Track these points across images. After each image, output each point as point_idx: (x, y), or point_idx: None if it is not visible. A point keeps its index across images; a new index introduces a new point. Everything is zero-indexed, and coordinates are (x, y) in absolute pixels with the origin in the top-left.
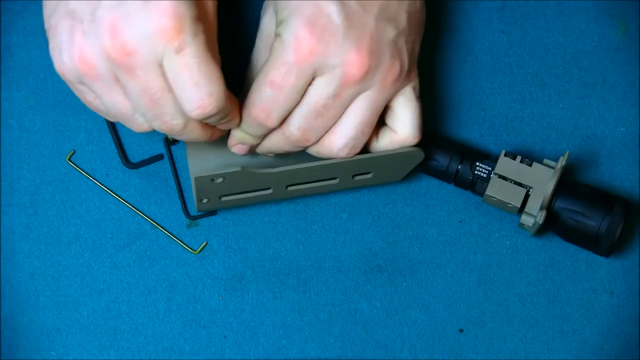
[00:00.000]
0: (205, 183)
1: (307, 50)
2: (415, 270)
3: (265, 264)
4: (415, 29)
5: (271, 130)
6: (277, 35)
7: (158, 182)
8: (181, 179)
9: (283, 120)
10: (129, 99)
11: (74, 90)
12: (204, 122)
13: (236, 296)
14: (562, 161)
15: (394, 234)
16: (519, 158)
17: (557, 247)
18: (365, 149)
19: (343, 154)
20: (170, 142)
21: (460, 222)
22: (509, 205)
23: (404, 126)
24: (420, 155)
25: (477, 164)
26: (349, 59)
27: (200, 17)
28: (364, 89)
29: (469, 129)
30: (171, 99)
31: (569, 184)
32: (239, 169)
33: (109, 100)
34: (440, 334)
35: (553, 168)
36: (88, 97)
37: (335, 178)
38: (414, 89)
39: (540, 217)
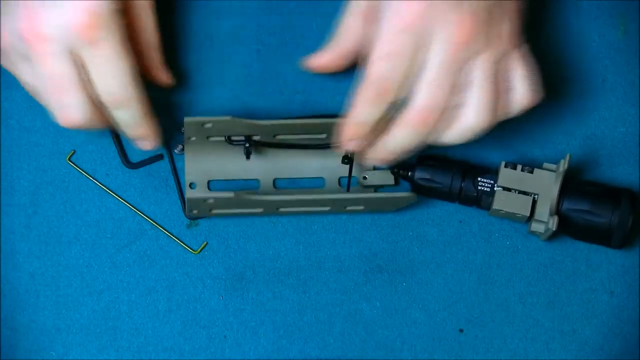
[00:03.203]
0: (198, 203)
1: (417, 13)
2: (415, 270)
3: (265, 264)
4: None
5: (382, 129)
6: (382, 7)
7: (158, 182)
8: (181, 179)
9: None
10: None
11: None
12: (105, 120)
13: (236, 296)
14: (563, 164)
15: (394, 234)
16: (519, 167)
17: (557, 247)
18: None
19: (480, 127)
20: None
21: (460, 222)
22: (518, 215)
23: (520, 86)
24: (413, 198)
25: (479, 179)
26: (457, 21)
27: (122, 9)
28: (477, 52)
29: None
30: (76, 91)
31: (573, 184)
32: (232, 195)
33: (19, 74)
34: (440, 334)
35: (555, 171)
36: (4, 64)
37: (327, 207)
38: (522, 49)
39: (553, 224)
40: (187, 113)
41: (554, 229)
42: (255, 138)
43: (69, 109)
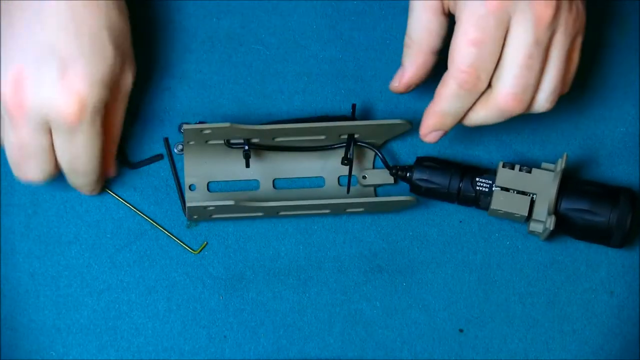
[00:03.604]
0: (199, 210)
1: None
2: (415, 270)
3: (265, 264)
4: None
5: (474, 103)
6: None
7: (158, 182)
8: (181, 179)
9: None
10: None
11: None
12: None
13: (236, 296)
14: (561, 163)
15: (394, 234)
16: (517, 167)
17: (557, 247)
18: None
19: (545, 108)
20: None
21: (460, 222)
22: (516, 215)
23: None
24: (413, 201)
25: (477, 179)
26: (538, 0)
27: (107, 99)
28: (554, 35)
29: (469, 130)
30: (41, 161)
31: (572, 184)
32: (232, 202)
33: None
34: (440, 334)
35: (553, 171)
36: None
37: (327, 210)
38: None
39: (551, 223)
40: (186, 113)
41: (551, 229)
42: (254, 141)
43: (27, 172)
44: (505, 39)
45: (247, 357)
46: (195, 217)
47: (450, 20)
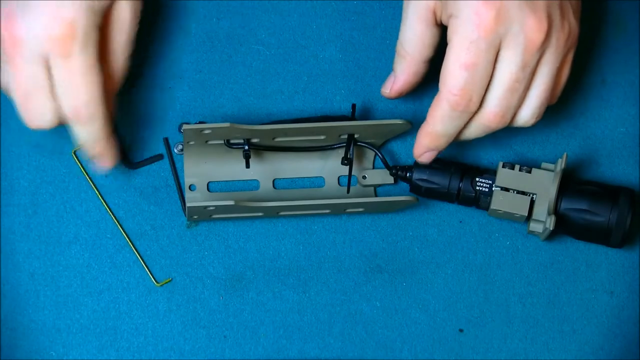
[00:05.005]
0: (199, 210)
1: (491, 21)
2: (415, 270)
3: (265, 264)
4: None
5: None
6: (453, 16)
7: (158, 182)
8: (181, 179)
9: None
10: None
11: None
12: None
13: (236, 296)
14: (560, 163)
15: (394, 234)
16: (517, 167)
17: (557, 247)
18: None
19: (531, 123)
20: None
21: (460, 222)
22: (516, 215)
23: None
24: (414, 201)
25: (477, 179)
26: (529, 23)
27: (100, 25)
28: (543, 54)
29: None
30: (43, 98)
31: (571, 183)
32: (232, 202)
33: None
34: (440, 334)
35: (552, 171)
36: None
37: (327, 210)
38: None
39: (550, 223)
40: (187, 113)
41: (551, 228)
42: (254, 141)
43: (34, 113)
44: (495, 61)
45: (247, 357)
46: (195, 217)
47: (442, 30)
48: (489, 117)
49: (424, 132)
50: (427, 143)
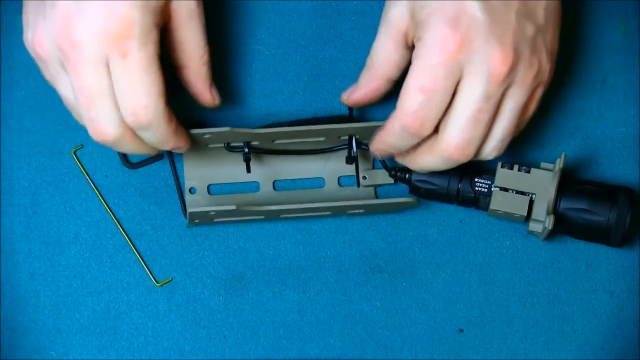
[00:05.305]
0: (200, 215)
1: (454, 48)
2: (415, 270)
3: (265, 264)
4: (553, 26)
5: (419, 145)
6: (418, 39)
7: (158, 182)
8: (181, 179)
9: (434, 141)
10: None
11: (40, 68)
12: (138, 138)
13: (236, 296)
14: (559, 163)
15: (394, 234)
16: (516, 167)
17: (557, 247)
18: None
19: (492, 157)
20: None
21: (460, 222)
22: (516, 215)
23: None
24: (415, 203)
25: (476, 179)
26: (494, 55)
27: (158, 24)
28: (508, 88)
29: None
30: (108, 105)
31: (571, 183)
32: (233, 207)
33: (59, 87)
34: (440, 334)
35: (551, 171)
36: (47, 77)
37: (327, 212)
38: (544, 89)
39: (549, 223)
40: (187, 113)
41: (550, 228)
42: (254, 144)
43: (98, 122)
44: (456, 89)
45: (247, 357)
46: (196, 221)
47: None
48: (449, 148)
49: (378, 137)
50: (378, 147)
